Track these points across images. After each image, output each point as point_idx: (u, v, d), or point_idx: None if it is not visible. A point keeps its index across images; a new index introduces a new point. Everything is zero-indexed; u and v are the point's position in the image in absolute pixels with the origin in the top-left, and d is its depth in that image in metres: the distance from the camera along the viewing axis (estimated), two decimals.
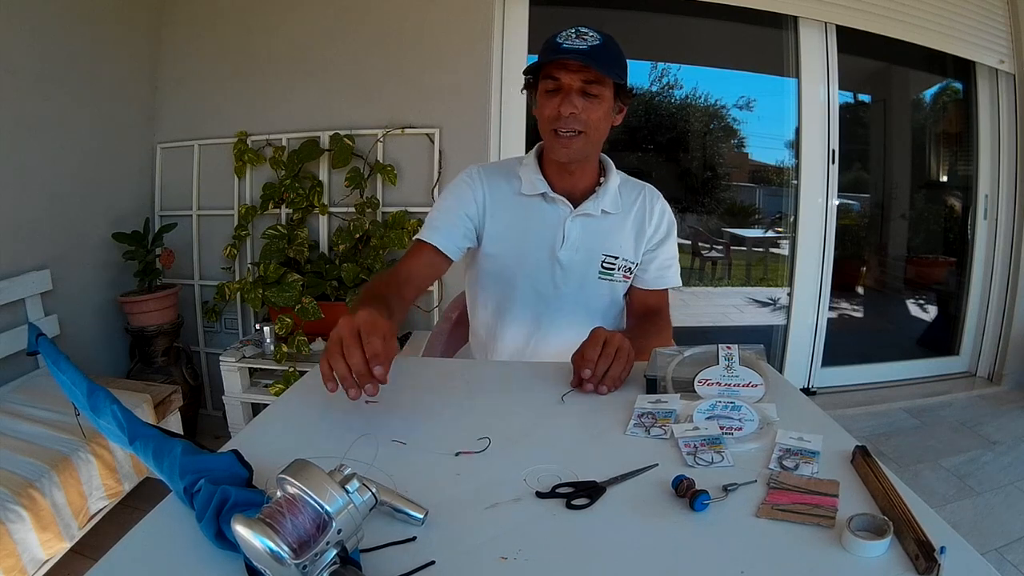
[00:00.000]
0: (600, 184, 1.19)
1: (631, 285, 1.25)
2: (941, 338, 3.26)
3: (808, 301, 2.86)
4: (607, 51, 1.03)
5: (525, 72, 1.10)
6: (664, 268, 1.24)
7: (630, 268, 1.21)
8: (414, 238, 1.19)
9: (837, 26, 2.64)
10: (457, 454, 0.70)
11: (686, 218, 3.60)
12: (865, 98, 3.34)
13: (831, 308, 2.94)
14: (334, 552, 0.46)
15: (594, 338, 0.90)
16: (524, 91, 1.16)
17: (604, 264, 1.19)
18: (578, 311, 1.19)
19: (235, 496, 0.53)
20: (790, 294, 2.89)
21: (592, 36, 1.03)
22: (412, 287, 1.14)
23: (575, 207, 1.16)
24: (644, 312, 1.25)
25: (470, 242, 1.21)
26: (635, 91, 1.13)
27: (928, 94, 3.40)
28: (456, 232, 1.17)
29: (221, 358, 2.19)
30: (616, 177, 1.21)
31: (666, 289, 1.26)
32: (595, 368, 0.87)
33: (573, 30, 1.04)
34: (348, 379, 0.71)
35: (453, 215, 1.18)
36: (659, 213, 1.23)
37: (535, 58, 1.10)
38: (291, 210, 2.41)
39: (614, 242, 1.19)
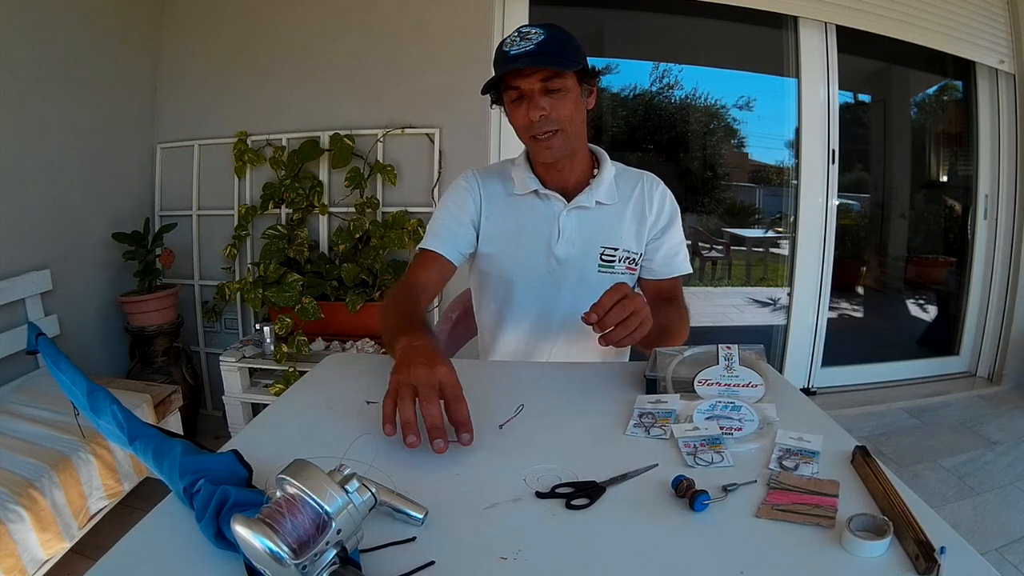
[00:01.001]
0: (594, 176, 1.18)
1: (642, 277, 1.22)
2: (941, 338, 3.26)
3: (808, 301, 2.86)
4: (556, 43, 1.01)
5: (484, 91, 1.09)
6: (671, 256, 1.20)
7: (633, 259, 1.18)
8: (418, 247, 1.20)
9: (837, 26, 2.64)
10: (501, 426, 0.75)
11: (686, 218, 3.56)
12: (865, 98, 3.34)
13: (831, 308, 2.94)
14: (334, 552, 0.46)
15: (616, 289, 0.85)
16: (493, 107, 1.16)
17: (603, 256, 1.17)
18: (579, 307, 1.15)
19: (235, 496, 0.53)
20: (790, 294, 2.89)
21: (536, 33, 1.01)
22: (427, 296, 1.16)
23: (569, 201, 1.16)
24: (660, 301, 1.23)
25: (471, 246, 1.21)
26: (598, 70, 1.10)
27: (928, 94, 3.40)
28: (458, 239, 1.18)
29: (221, 358, 2.19)
30: (611, 168, 1.19)
31: (678, 277, 1.22)
32: (604, 317, 0.84)
33: (516, 33, 1.03)
34: (413, 426, 0.67)
35: (453, 221, 1.18)
36: (659, 200, 1.20)
37: None
38: (291, 210, 2.41)
39: (613, 233, 1.17)
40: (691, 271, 1.23)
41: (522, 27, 1.04)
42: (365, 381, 0.92)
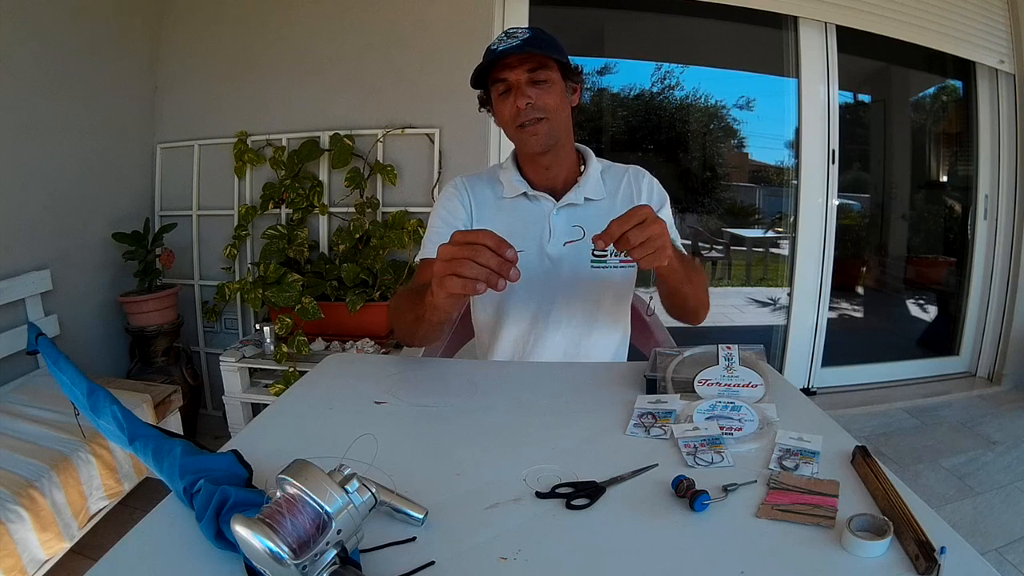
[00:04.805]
0: (581, 174, 1.20)
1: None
2: (941, 338, 3.26)
3: (808, 301, 2.86)
4: (540, 39, 1.06)
5: (474, 84, 1.14)
6: None
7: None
8: (418, 258, 1.21)
9: (837, 26, 2.64)
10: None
11: (686, 218, 3.60)
12: (865, 98, 3.34)
13: (831, 308, 2.94)
14: (334, 552, 0.46)
15: (631, 213, 0.83)
16: (481, 109, 1.20)
17: (595, 252, 1.18)
18: (574, 303, 1.19)
19: (235, 496, 0.53)
20: (790, 294, 2.89)
21: (521, 31, 1.07)
22: None
23: (558, 200, 1.18)
24: None
25: None
26: (581, 68, 1.15)
27: (928, 94, 3.40)
28: None
29: (221, 358, 2.19)
30: (597, 164, 1.22)
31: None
32: (618, 240, 0.83)
33: (503, 33, 1.08)
34: (491, 273, 0.75)
35: (447, 227, 1.19)
36: (647, 188, 1.22)
37: None
38: (291, 210, 2.41)
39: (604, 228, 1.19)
40: (684, 253, 1.24)
41: (508, 29, 1.09)
42: (365, 381, 0.92)
